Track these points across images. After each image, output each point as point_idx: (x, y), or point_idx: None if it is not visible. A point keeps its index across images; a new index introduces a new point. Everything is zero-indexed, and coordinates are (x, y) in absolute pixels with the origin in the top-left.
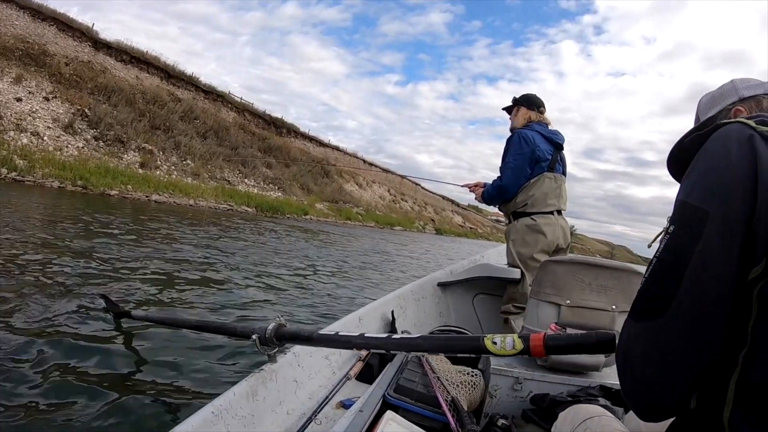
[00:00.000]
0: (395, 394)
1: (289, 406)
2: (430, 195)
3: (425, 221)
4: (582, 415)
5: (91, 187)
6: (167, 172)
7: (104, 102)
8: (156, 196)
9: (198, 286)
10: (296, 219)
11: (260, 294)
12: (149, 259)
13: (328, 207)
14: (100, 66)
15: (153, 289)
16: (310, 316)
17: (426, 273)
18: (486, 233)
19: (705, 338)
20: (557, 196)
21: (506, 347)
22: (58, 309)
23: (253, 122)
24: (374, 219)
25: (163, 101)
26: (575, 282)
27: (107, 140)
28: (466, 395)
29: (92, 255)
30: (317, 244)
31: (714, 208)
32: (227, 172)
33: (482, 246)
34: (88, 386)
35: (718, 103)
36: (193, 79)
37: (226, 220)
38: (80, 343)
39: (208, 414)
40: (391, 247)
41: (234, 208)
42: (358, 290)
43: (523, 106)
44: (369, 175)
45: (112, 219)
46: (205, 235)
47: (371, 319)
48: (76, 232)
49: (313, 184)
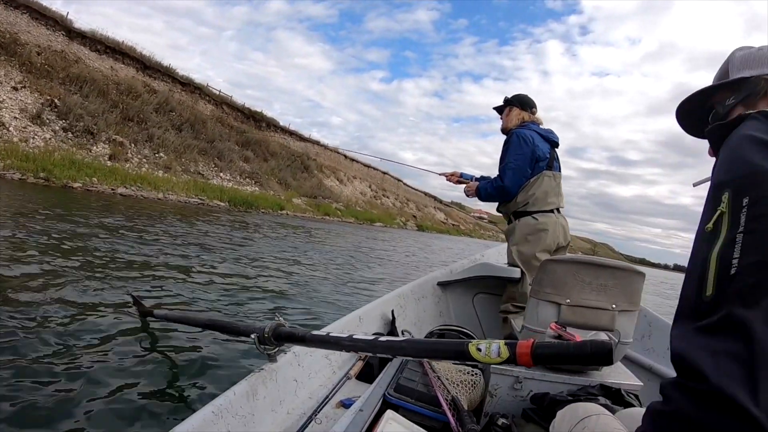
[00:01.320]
0: (395, 394)
1: (290, 406)
2: (413, 191)
3: (407, 217)
4: (580, 413)
5: (54, 180)
6: (138, 164)
7: (75, 92)
8: (123, 189)
9: (102, 283)
10: (271, 214)
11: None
12: (59, 255)
13: (306, 202)
14: (73, 56)
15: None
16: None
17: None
18: (468, 230)
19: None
20: (557, 194)
21: (491, 354)
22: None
23: (231, 115)
24: (354, 215)
25: (137, 92)
26: (575, 281)
27: (76, 131)
28: (466, 394)
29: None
30: (274, 241)
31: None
32: (202, 165)
33: (467, 244)
34: (86, 385)
35: (755, 67)
36: (170, 71)
37: (191, 215)
38: (72, 341)
39: (208, 413)
40: (366, 248)
41: (205, 202)
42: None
43: (516, 106)
44: (350, 170)
45: (64, 213)
46: (157, 230)
47: (371, 319)
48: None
49: (292, 178)
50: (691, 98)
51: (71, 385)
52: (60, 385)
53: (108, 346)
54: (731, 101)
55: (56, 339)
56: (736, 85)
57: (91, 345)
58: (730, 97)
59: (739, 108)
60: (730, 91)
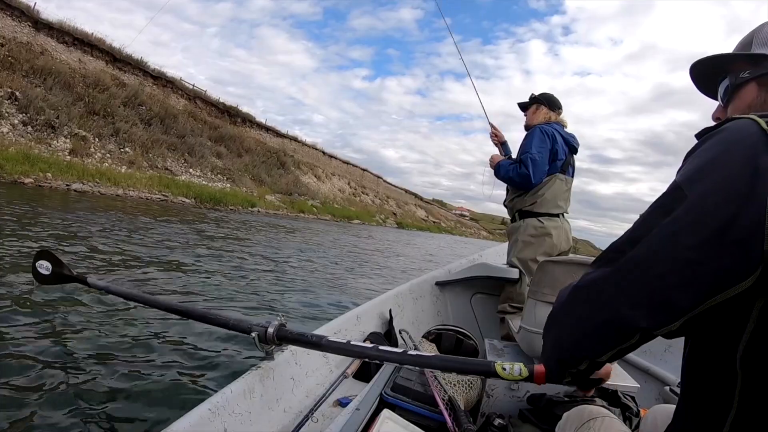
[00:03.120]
0: (392, 393)
1: (286, 404)
2: (393, 188)
3: (386, 215)
4: (586, 415)
5: (5, 175)
6: (100, 159)
7: (39, 85)
8: (79, 184)
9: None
10: (240, 212)
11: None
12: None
13: (280, 199)
14: (39, 47)
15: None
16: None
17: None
18: (450, 227)
19: (634, 301)
20: (565, 199)
21: (514, 373)
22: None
23: (205, 110)
24: (330, 212)
25: (105, 85)
26: (573, 282)
27: (36, 125)
28: (463, 394)
29: None
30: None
31: (693, 196)
32: (170, 161)
33: (448, 241)
34: (78, 382)
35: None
36: (141, 64)
37: (151, 212)
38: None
39: (205, 411)
40: (341, 245)
41: (169, 198)
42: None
43: (545, 106)
44: (329, 167)
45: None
46: (105, 226)
47: (369, 318)
48: None
49: (267, 175)
50: (705, 61)
51: (56, 382)
52: (41, 383)
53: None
54: (746, 75)
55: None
56: (755, 59)
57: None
58: (746, 70)
59: (752, 85)
60: (748, 64)
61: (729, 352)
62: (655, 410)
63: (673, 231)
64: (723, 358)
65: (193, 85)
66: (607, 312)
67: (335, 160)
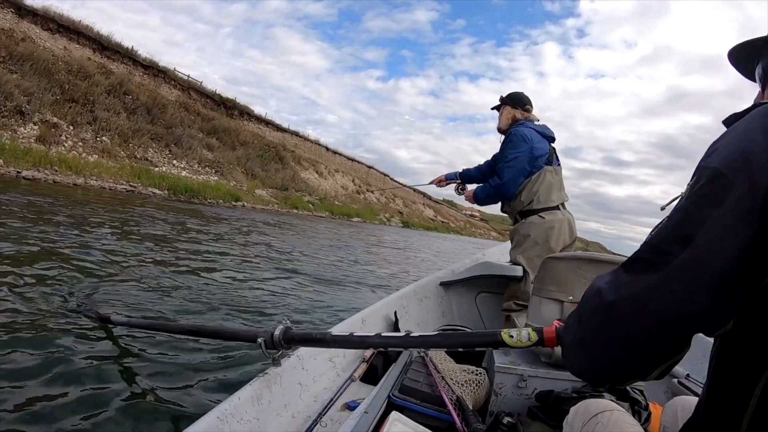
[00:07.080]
0: (400, 395)
1: (294, 410)
2: (401, 187)
3: (391, 213)
4: (593, 409)
5: None
6: (71, 147)
7: (15, 71)
8: (33, 172)
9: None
10: (221, 206)
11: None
12: None
13: (271, 194)
14: (22, 34)
15: None
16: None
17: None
18: (459, 228)
19: (696, 307)
20: (560, 189)
21: (522, 339)
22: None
23: (199, 101)
24: (329, 209)
25: (88, 73)
26: (577, 278)
27: (4, 111)
28: (471, 394)
29: None
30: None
31: (740, 182)
32: (152, 151)
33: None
34: (85, 395)
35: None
36: (131, 53)
37: (107, 204)
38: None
39: (213, 419)
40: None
41: (137, 189)
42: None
43: (508, 105)
44: (332, 163)
45: None
46: (44, 219)
47: (374, 320)
48: None
49: (261, 169)
50: (741, 46)
51: (66, 396)
52: (51, 397)
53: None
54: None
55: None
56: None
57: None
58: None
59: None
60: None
61: (761, 346)
62: (674, 402)
63: (729, 223)
64: (753, 354)
65: (188, 76)
66: (662, 323)
67: (339, 156)
